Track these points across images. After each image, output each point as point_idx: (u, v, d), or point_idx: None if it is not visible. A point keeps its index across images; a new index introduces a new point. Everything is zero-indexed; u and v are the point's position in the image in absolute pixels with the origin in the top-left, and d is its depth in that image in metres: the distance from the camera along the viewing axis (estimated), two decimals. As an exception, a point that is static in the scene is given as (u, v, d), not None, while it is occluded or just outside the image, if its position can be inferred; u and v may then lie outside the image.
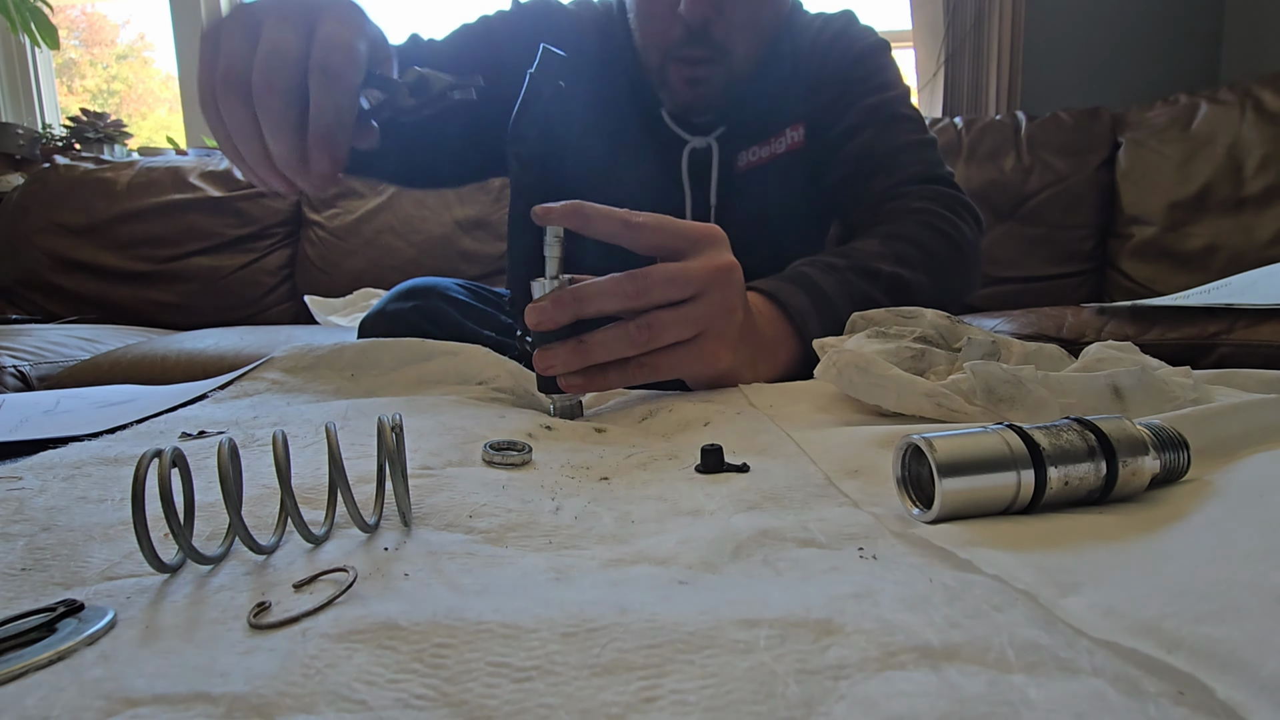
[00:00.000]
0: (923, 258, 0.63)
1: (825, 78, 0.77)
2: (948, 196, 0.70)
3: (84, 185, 1.87)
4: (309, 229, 1.86)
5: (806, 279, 0.56)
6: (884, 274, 0.60)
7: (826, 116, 0.76)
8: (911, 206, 0.68)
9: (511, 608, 0.18)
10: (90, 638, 0.18)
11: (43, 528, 0.26)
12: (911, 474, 0.27)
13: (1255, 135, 1.48)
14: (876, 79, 0.77)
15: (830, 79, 0.77)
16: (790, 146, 0.78)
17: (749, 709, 0.15)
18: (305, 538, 0.24)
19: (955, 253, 0.66)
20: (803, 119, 0.77)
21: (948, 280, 0.65)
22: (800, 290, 0.55)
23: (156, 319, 1.79)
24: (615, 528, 0.27)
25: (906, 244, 0.63)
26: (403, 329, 0.69)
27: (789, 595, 0.19)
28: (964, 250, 0.67)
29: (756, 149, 0.77)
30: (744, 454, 0.36)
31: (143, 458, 0.21)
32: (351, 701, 0.15)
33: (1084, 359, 0.43)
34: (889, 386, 0.40)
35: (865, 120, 0.74)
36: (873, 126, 0.74)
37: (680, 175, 0.77)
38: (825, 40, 0.79)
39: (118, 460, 0.35)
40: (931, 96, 2.00)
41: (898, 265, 0.61)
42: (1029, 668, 0.16)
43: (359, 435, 0.38)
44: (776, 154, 0.77)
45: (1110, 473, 0.26)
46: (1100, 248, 1.63)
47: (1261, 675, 0.14)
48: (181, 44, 2.33)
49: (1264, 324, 0.95)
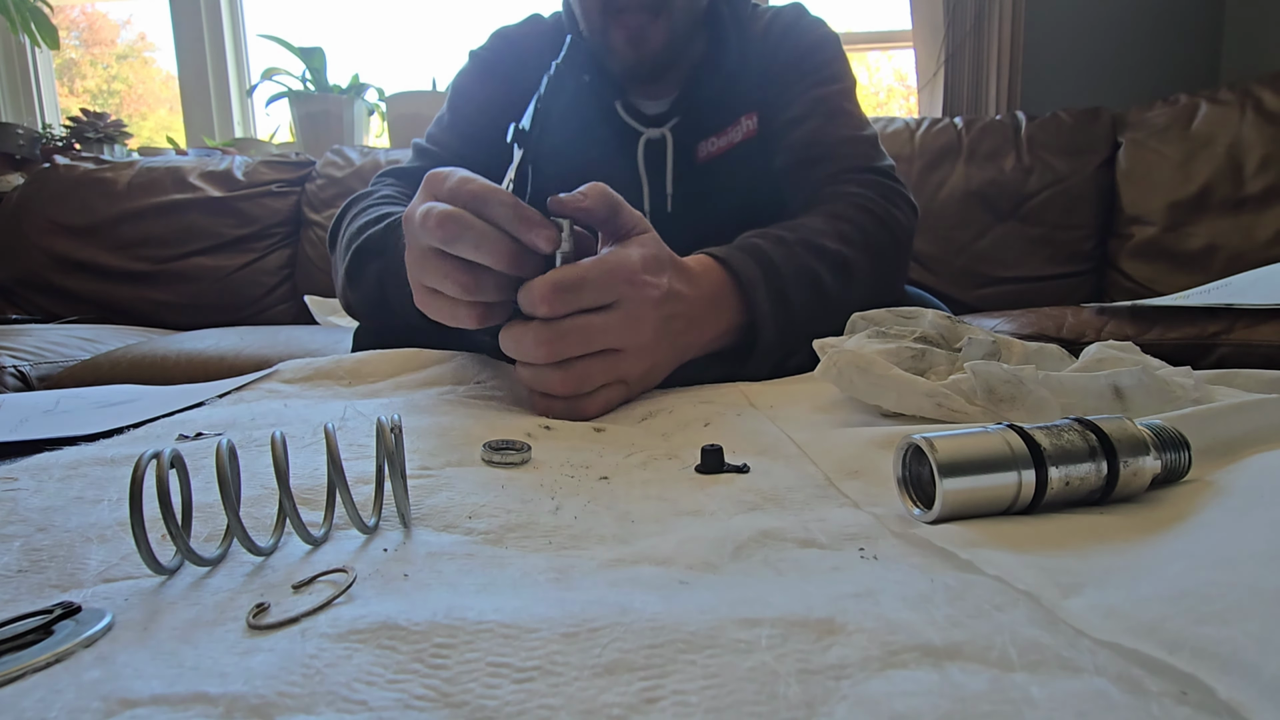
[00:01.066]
0: (862, 239, 0.65)
1: (777, 68, 0.79)
2: (885, 186, 0.72)
3: (84, 185, 1.86)
4: (309, 229, 1.86)
5: (758, 250, 0.57)
6: (829, 250, 0.61)
7: (775, 102, 0.78)
8: (850, 192, 0.70)
9: (512, 608, 0.18)
10: (88, 640, 0.18)
11: (38, 529, 0.26)
12: (912, 474, 0.27)
13: (1255, 135, 1.48)
14: (825, 71, 0.78)
15: (782, 69, 0.79)
16: (746, 135, 0.79)
17: (751, 709, 0.15)
18: (304, 539, 0.24)
19: (890, 238, 0.68)
20: (755, 108, 0.79)
21: (884, 264, 0.67)
22: (751, 260, 0.56)
23: (156, 319, 1.79)
24: (615, 527, 0.27)
25: (847, 224, 0.65)
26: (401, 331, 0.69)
27: (790, 595, 0.19)
28: (898, 237, 0.69)
29: (715, 139, 0.79)
30: (744, 455, 0.36)
31: (141, 458, 0.21)
32: (351, 702, 0.15)
33: (1085, 359, 0.43)
34: (889, 387, 0.40)
35: (811, 110, 0.76)
36: (818, 116, 0.76)
37: (637, 166, 0.79)
38: (777, 31, 0.81)
39: (114, 461, 0.35)
40: (931, 96, 2.00)
41: (841, 243, 0.62)
42: (1031, 666, 0.16)
43: (358, 436, 0.38)
44: (734, 143, 0.79)
45: (1111, 473, 0.26)
46: (1100, 248, 1.62)
47: (1264, 676, 0.14)
48: (181, 44, 2.33)
49: (1264, 324, 0.95)
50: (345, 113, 2.12)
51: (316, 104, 2.11)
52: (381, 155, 1.88)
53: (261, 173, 1.89)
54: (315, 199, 1.88)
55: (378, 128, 2.31)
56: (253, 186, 1.87)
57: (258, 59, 2.42)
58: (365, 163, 1.87)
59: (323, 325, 1.65)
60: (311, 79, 2.12)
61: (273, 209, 1.87)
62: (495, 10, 2.48)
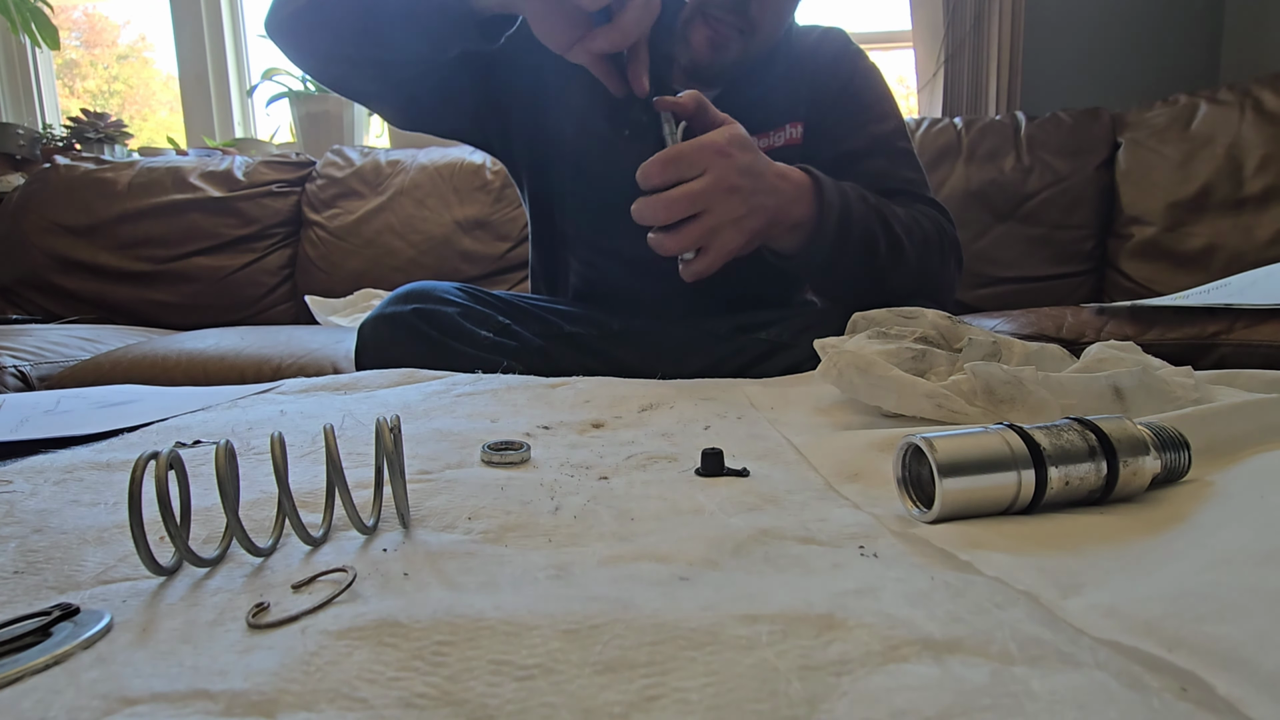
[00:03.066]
0: (920, 242, 0.70)
1: (832, 90, 0.81)
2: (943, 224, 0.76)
3: (84, 185, 1.86)
4: (309, 229, 1.86)
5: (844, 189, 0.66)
6: (894, 229, 0.68)
7: (832, 128, 0.81)
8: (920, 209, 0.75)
9: (512, 605, 0.18)
10: (87, 641, 0.18)
11: (35, 530, 0.26)
12: (912, 474, 0.27)
13: (1255, 135, 1.48)
14: (882, 106, 0.82)
15: (838, 93, 0.81)
16: (789, 142, 0.81)
17: (752, 707, 0.15)
18: (303, 539, 0.24)
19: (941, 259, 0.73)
20: (802, 119, 0.81)
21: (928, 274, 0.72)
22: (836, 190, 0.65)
23: (157, 319, 1.79)
24: (615, 525, 0.27)
25: (914, 224, 0.71)
26: (402, 332, 0.69)
27: (790, 591, 0.19)
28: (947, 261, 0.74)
29: (758, 139, 0.80)
30: (744, 458, 0.36)
31: (140, 459, 0.21)
32: (352, 700, 0.15)
33: (1085, 359, 0.43)
34: (890, 388, 0.40)
35: (875, 147, 0.79)
36: (883, 156, 0.79)
37: None
38: (827, 53, 0.83)
39: (110, 465, 0.35)
40: (931, 96, 1.99)
41: (905, 232, 0.69)
42: (1031, 660, 0.16)
43: (356, 444, 0.38)
44: (775, 146, 0.81)
45: (1111, 473, 0.26)
46: (1100, 248, 1.62)
47: (1262, 672, 0.14)
48: (182, 44, 2.33)
49: (1264, 324, 0.95)
50: (345, 113, 2.12)
51: (317, 104, 2.11)
52: (381, 155, 1.88)
53: (262, 173, 1.89)
54: (315, 199, 1.88)
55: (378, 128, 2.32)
56: (253, 187, 1.87)
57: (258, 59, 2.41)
58: (365, 163, 1.87)
59: (323, 325, 1.65)
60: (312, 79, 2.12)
61: (273, 209, 1.87)
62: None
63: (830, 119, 0.81)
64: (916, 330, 0.50)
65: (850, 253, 0.65)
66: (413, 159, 1.86)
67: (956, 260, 0.76)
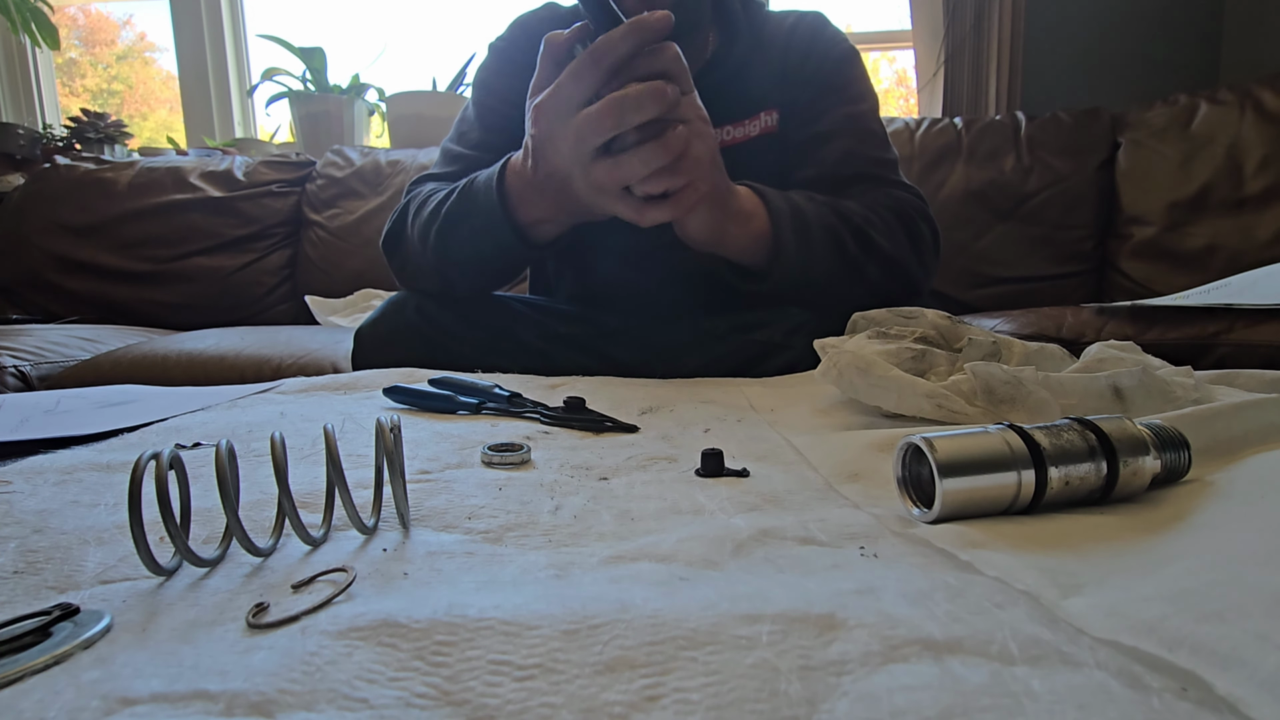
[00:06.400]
0: (885, 228, 0.70)
1: (805, 73, 0.81)
2: (913, 203, 0.75)
3: (84, 185, 1.86)
4: (309, 229, 1.86)
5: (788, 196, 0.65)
6: (854, 219, 0.67)
7: (803, 111, 0.80)
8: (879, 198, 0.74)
9: (512, 605, 0.18)
10: (86, 641, 0.18)
11: (34, 530, 0.26)
12: (912, 474, 0.27)
13: (1255, 135, 1.48)
14: (854, 88, 0.81)
15: (811, 76, 0.81)
16: (764, 129, 0.81)
17: (752, 707, 0.15)
18: (303, 539, 0.24)
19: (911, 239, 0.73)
20: (777, 106, 0.81)
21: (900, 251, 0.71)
22: (781, 196, 0.64)
23: (157, 319, 1.79)
24: (615, 525, 0.27)
25: (874, 213, 0.70)
26: (401, 331, 0.70)
27: (791, 591, 0.19)
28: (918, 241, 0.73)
29: (731, 129, 0.80)
30: (744, 459, 0.36)
31: (140, 459, 0.21)
32: (353, 700, 0.15)
33: (1086, 359, 0.43)
34: (890, 388, 0.40)
35: (843, 127, 0.79)
36: (850, 135, 0.79)
37: None
38: (801, 36, 0.82)
39: (110, 467, 0.35)
40: (931, 96, 1.99)
41: (866, 223, 0.68)
42: (1032, 660, 0.16)
43: (356, 446, 0.38)
44: (751, 135, 0.81)
45: (1111, 472, 0.26)
46: (1100, 248, 1.62)
47: (1262, 672, 0.14)
48: (182, 44, 2.33)
49: (1264, 324, 0.95)
50: (345, 113, 2.12)
51: (317, 104, 2.11)
52: (381, 155, 1.88)
53: (262, 173, 1.89)
54: (315, 199, 1.87)
55: (378, 128, 2.31)
56: (253, 186, 1.87)
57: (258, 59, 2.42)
58: (365, 163, 1.87)
59: (323, 325, 1.65)
60: (312, 79, 2.12)
61: (273, 209, 1.87)
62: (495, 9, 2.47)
63: (803, 99, 0.80)
64: (916, 330, 0.50)
65: (818, 251, 0.64)
66: (413, 159, 1.86)
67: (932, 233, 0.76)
